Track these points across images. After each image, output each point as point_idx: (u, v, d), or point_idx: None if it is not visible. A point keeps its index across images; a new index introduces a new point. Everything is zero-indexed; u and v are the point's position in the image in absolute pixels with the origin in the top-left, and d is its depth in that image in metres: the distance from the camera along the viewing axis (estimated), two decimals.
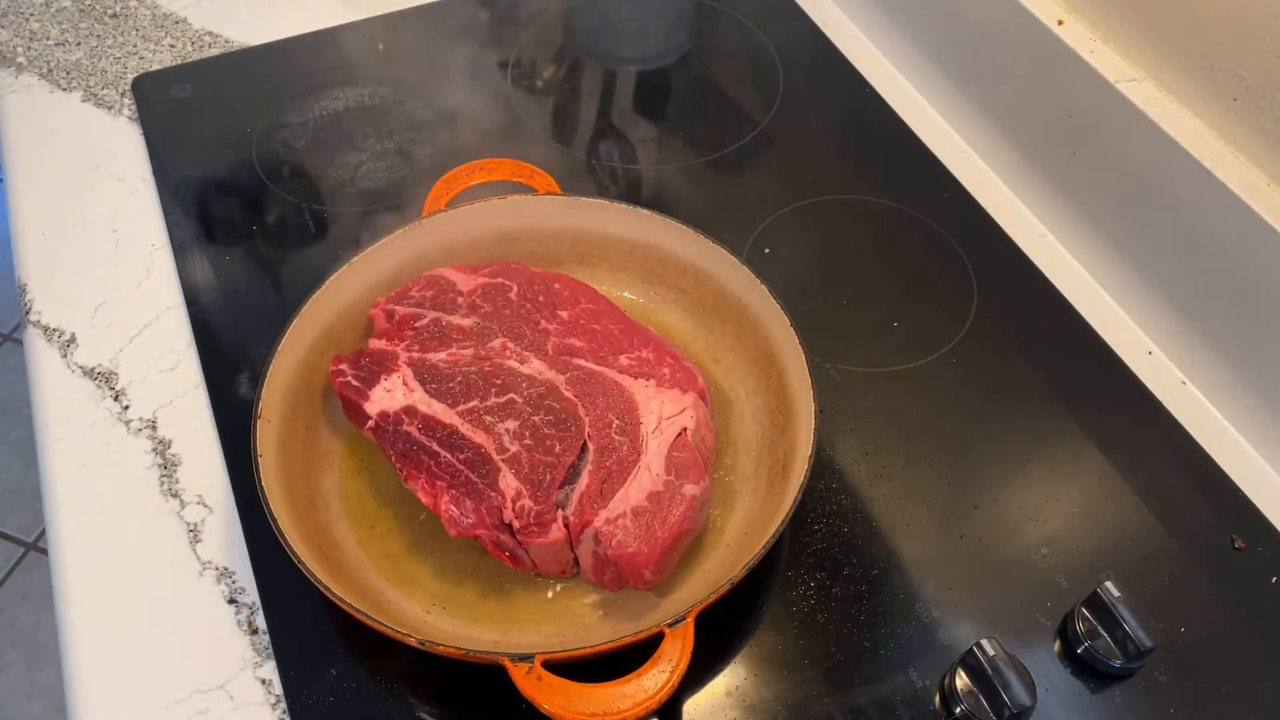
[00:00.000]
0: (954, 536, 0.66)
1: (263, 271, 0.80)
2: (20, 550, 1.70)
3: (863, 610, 0.63)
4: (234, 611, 0.62)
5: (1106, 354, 0.76)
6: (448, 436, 0.61)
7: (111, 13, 0.99)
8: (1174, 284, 0.75)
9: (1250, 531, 0.66)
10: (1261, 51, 0.66)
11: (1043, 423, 0.72)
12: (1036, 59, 0.81)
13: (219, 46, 0.97)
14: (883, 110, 0.92)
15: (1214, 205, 0.69)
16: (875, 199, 0.85)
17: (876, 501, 0.67)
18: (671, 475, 0.60)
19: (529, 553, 0.59)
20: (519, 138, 0.90)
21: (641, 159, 0.90)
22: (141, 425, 0.71)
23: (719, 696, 0.59)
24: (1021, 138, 0.85)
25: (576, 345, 0.66)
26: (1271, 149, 0.68)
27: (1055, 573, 0.64)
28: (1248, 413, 0.72)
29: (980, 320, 0.77)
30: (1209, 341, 0.73)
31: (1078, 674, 0.60)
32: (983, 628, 0.62)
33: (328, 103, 0.92)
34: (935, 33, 0.92)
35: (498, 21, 1.01)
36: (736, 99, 0.94)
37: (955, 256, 0.81)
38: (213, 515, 0.66)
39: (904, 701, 0.59)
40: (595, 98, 0.95)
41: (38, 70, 0.94)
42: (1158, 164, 0.73)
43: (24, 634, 1.62)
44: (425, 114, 0.91)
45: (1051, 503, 0.68)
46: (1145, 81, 0.75)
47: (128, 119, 0.90)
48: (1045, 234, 0.84)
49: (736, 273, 0.69)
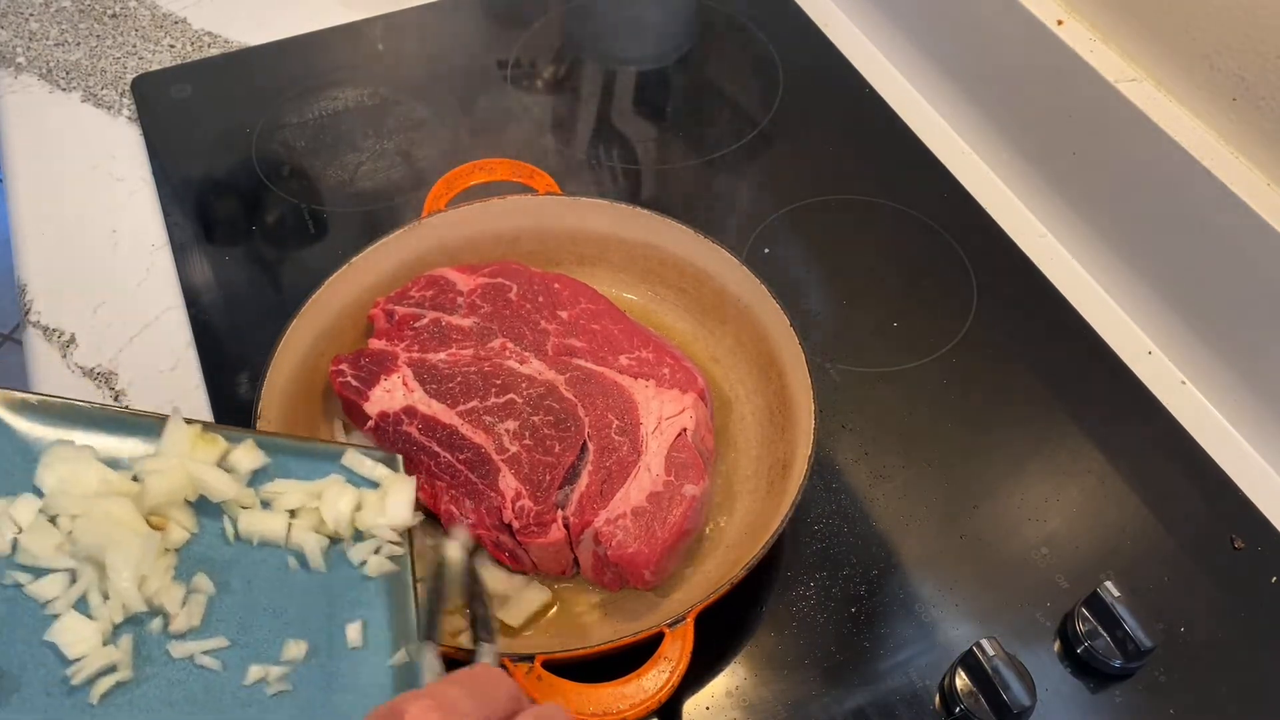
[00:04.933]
0: (954, 536, 0.66)
1: (263, 271, 0.80)
2: None
3: (863, 610, 0.63)
4: None
5: (1106, 354, 0.76)
6: (447, 437, 0.61)
7: (111, 13, 0.99)
8: (1174, 284, 0.75)
9: (1250, 531, 0.66)
10: (1261, 51, 0.66)
11: (1043, 422, 0.72)
12: (1036, 59, 0.81)
13: (218, 47, 0.97)
14: (883, 110, 0.92)
15: (1214, 205, 0.69)
16: (875, 199, 0.85)
17: (876, 501, 0.67)
18: (671, 475, 0.60)
19: (529, 553, 0.59)
20: (519, 138, 0.90)
21: (641, 159, 0.89)
22: None
23: (719, 696, 0.59)
24: (1021, 137, 0.85)
25: (576, 345, 0.66)
26: (1271, 149, 0.68)
27: (1055, 573, 0.64)
28: (1248, 413, 0.72)
29: (980, 320, 0.77)
30: (1209, 341, 0.73)
31: (1078, 674, 0.60)
32: (983, 628, 0.62)
33: (327, 103, 0.92)
34: (935, 33, 0.92)
35: (498, 21, 1.01)
36: (736, 99, 0.94)
37: (955, 256, 0.81)
38: None
39: (904, 701, 0.59)
40: (595, 98, 0.95)
41: (37, 70, 0.94)
42: (1157, 164, 0.73)
43: None
44: (425, 114, 0.91)
45: (1051, 503, 0.68)
46: (1145, 81, 0.75)
47: (127, 119, 0.90)
48: (1045, 234, 0.84)
49: (736, 273, 0.69)
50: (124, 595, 0.44)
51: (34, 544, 0.44)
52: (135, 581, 0.44)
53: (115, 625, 0.44)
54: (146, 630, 0.45)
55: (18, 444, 0.46)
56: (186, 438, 0.49)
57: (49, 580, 0.44)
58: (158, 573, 0.45)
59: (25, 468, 0.45)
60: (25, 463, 0.45)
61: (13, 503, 0.44)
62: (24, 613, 0.43)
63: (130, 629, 0.44)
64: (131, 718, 0.42)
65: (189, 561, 0.47)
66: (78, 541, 0.44)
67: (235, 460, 0.51)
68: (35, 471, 0.45)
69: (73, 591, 0.44)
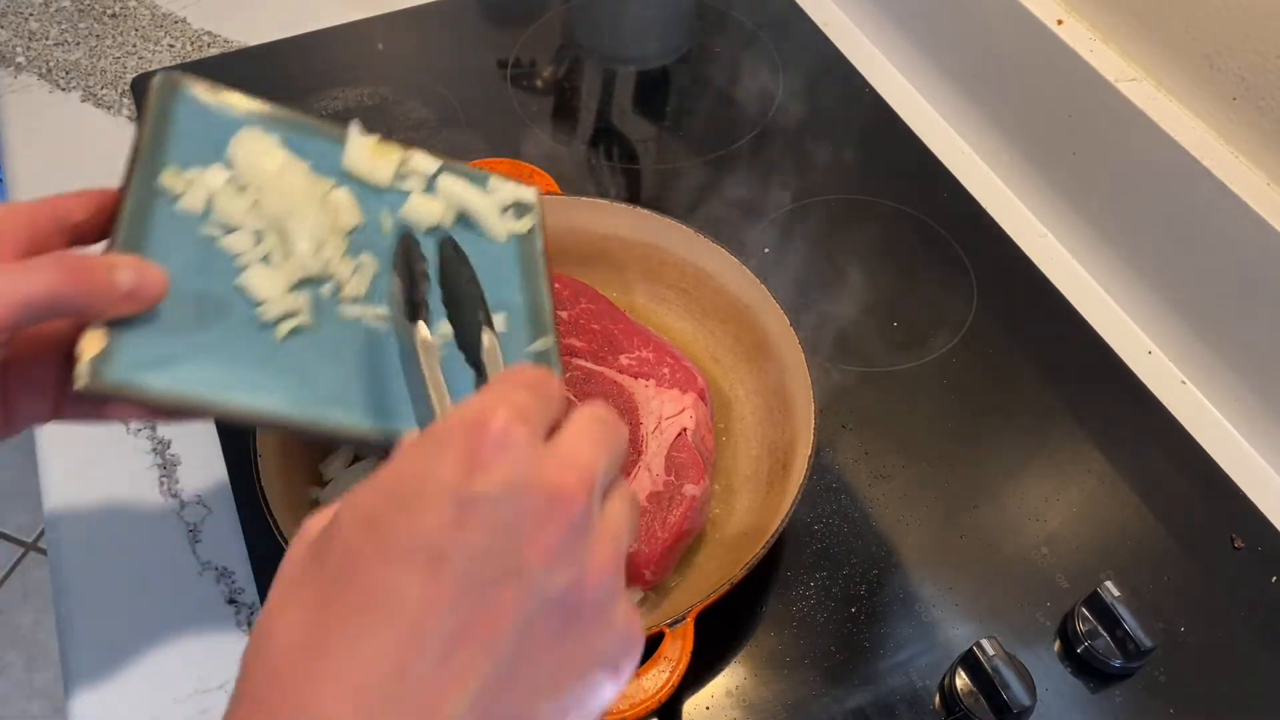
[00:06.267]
0: (954, 536, 0.66)
1: None
2: (20, 550, 1.70)
3: (863, 610, 0.63)
4: (234, 612, 0.62)
5: (1106, 354, 0.76)
6: None
7: (111, 12, 0.99)
8: (1174, 284, 0.75)
9: (1250, 531, 0.66)
10: (1261, 51, 0.66)
11: (1043, 423, 0.72)
12: (1036, 59, 0.81)
13: (218, 46, 0.97)
14: (883, 110, 0.92)
15: (1214, 205, 0.69)
16: (875, 199, 0.85)
17: (876, 501, 0.67)
18: (671, 475, 0.60)
19: None
20: (519, 138, 0.90)
21: (641, 159, 0.89)
22: (141, 425, 0.71)
23: (719, 696, 0.59)
24: (1021, 138, 0.85)
25: (576, 345, 0.66)
26: (1271, 149, 0.68)
27: (1055, 572, 0.64)
28: (1248, 413, 0.72)
29: (980, 320, 0.77)
30: (1209, 341, 0.73)
31: (1078, 674, 0.60)
32: (983, 628, 0.62)
33: (327, 103, 0.92)
34: (935, 33, 0.92)
35: (497, 21, 1.01)
36: (736, 99, 0.94)
37: (955, 256, 0.81)
38: (212, 515, 0.66)
39: (904, 701, 0.59)
40: (595, 98, 0.95)
41: (37, 70, 0.94)
42: (1157, 164, 0.73)
43: (24, 634, 1.62)
44: (425, 114, 0.91)
45: (1051, 503, 0.68)
46: (1145, 81, 0.75)
47: (127, 119, 0.90)
48: (1045, 234, 0.84)
49: (736, 273, 0.69)
50: (302, 256, 0.50)
51: (224, 206, 0.49)
52: (313, 247, 0.50)
53: (294, 282, 0.50)
54: (320, 293, 0.50)
55: (211, 123, 0.51)
56: (366, 144, 0.55)
57: (238, 236, 0.49)
58: (331, 243, 0.51)
59: (217, 145, 0.50)
60: (217, 140, 0.50)
61: (205, 170, 0.49)
62: (221, 260, 0.48)
63: (307, 290, 0.50)
64: (308, 358, 0.48)
65: (355, 246, 0.53)
66: (261, 208, 0.50)
67: (413, 165, 0.56)
68: (226, 149, 0.50)
69: (258, 250, 0.49)
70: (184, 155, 0.49)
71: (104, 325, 0.43)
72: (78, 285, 0.41)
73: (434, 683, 0.28)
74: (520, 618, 0.30)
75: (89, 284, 0.42)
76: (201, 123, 0.50)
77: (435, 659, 0.28)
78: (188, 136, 0.50)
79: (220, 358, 0.46)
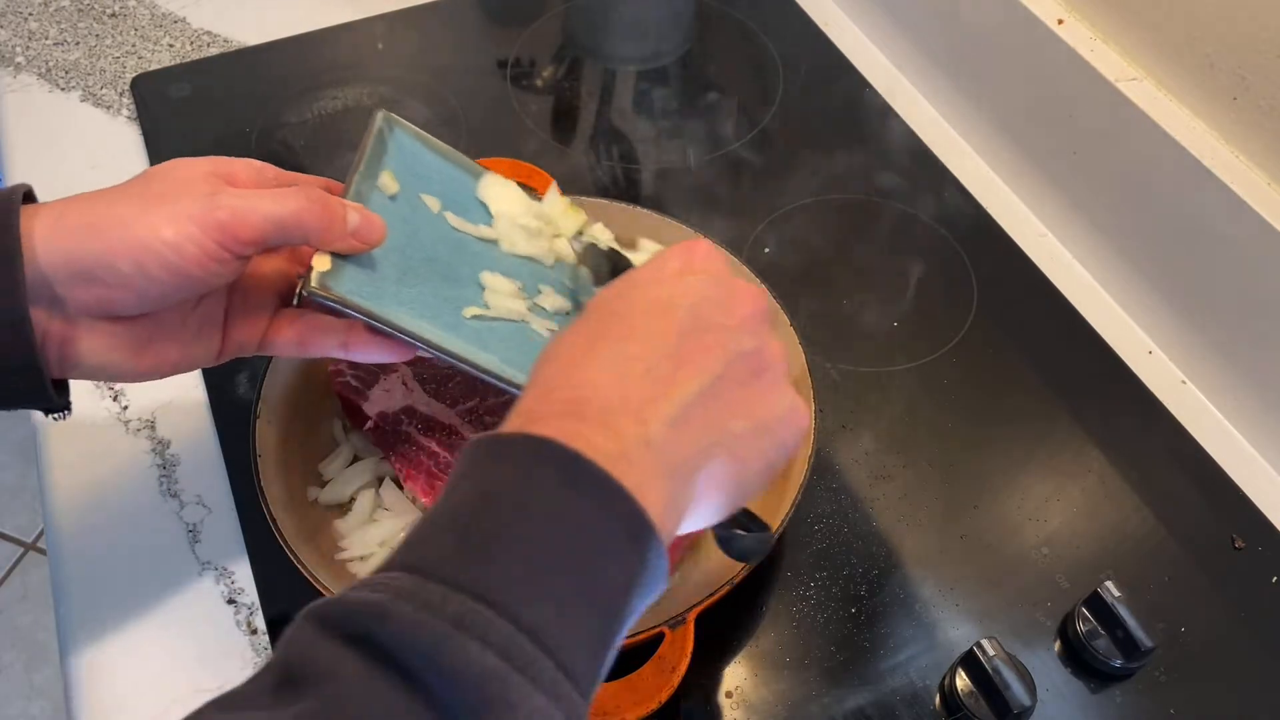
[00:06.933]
0: (954, 536, 0.66)
1: None
2: (20, 550, 1.70)
3: (863, 610, 0.63)
4: (233, 612, 0.62)
5: (1106, 354, 0.76)
6: (447, 436, 0.61)
7: (110, 12, 0.99)
8: (1174, 284, 0.75)
9: (1250, 531, 0.66)
10: (1261, 51, 0.66)
11: (1043, 422, 0.72)
12: (1036, 59, 0.81)
13: (218, 46, 0.97)
14: (883, 110, 0.92)
15: (1214, 205, 0.69)
16: (875, 199, 0.85)
17: (876, 501, 0.67)
18: None
19: None
20: (519, 138, 0.90)
21: (641, 159, 0.89)
22: (140, 425, 0.71)
23: (719, 696, 0.59)
24: (1021, 138, 0.85)
25: None
26: (1272, 149, 0.68)
27: (1055, 573, 0.64)
28: (1248, 413, 0.72)
29: (980, 320, 0.77)
30: (1209, 341, 0.73)
31: (1078, 674, 0.60)
32: (983, 628, 0.62)
33: (327, 103, 0.92)
34: (935, 33, 0.92)
35: (498, 21, 1.01)
36: (736, 99, 0.94)
37: (955, 256, 0.81)
38: (212, 515, 0.66)
39: (904, 701, 0.59)
40: (595, 98, 0.95)
41: (36, 70, 0.94)
42: (1158, 164, 0.72)
43: (24, 634, 1.62)
44: (425, 114, 0.91)
45: (1051, 503, 0.68)
46: (1145, 81, 0.75)
47: (126, 119, 0.90)
48: (1045, 234, 0.84)
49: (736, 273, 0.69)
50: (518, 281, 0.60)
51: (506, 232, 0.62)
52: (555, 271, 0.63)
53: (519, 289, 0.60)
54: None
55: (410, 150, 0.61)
56: (563, 203, 0.66)
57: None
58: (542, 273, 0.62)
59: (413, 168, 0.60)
60: (411, 164, 0.60)
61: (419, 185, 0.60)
62: (421, 241, 0.57)
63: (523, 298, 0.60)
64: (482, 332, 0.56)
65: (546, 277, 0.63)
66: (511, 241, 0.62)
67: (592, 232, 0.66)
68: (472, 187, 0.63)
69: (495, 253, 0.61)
70: (396, 169, 0.58)
71: (329, 255, 0.51)
72: (318, 215, 0.49)
73: (669, 376, 0.40)
74: (723, 356, 0.41)
75: (327, 215, 0.50)
76: (407, 151, 0.60)
77: (670, 365, 0.40)
78: (394, 158, 0.59)
79: (416, 310, 0.54)
